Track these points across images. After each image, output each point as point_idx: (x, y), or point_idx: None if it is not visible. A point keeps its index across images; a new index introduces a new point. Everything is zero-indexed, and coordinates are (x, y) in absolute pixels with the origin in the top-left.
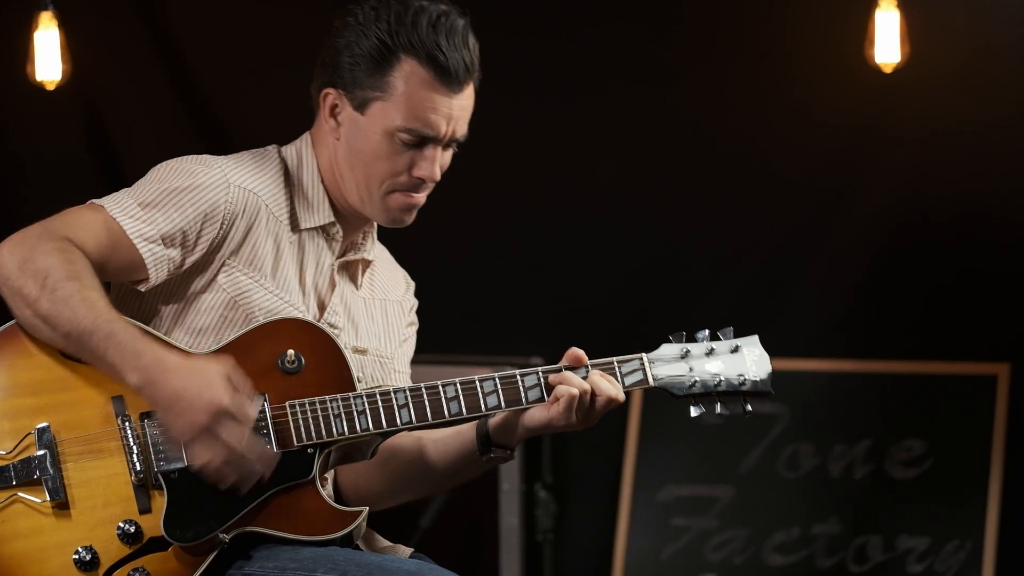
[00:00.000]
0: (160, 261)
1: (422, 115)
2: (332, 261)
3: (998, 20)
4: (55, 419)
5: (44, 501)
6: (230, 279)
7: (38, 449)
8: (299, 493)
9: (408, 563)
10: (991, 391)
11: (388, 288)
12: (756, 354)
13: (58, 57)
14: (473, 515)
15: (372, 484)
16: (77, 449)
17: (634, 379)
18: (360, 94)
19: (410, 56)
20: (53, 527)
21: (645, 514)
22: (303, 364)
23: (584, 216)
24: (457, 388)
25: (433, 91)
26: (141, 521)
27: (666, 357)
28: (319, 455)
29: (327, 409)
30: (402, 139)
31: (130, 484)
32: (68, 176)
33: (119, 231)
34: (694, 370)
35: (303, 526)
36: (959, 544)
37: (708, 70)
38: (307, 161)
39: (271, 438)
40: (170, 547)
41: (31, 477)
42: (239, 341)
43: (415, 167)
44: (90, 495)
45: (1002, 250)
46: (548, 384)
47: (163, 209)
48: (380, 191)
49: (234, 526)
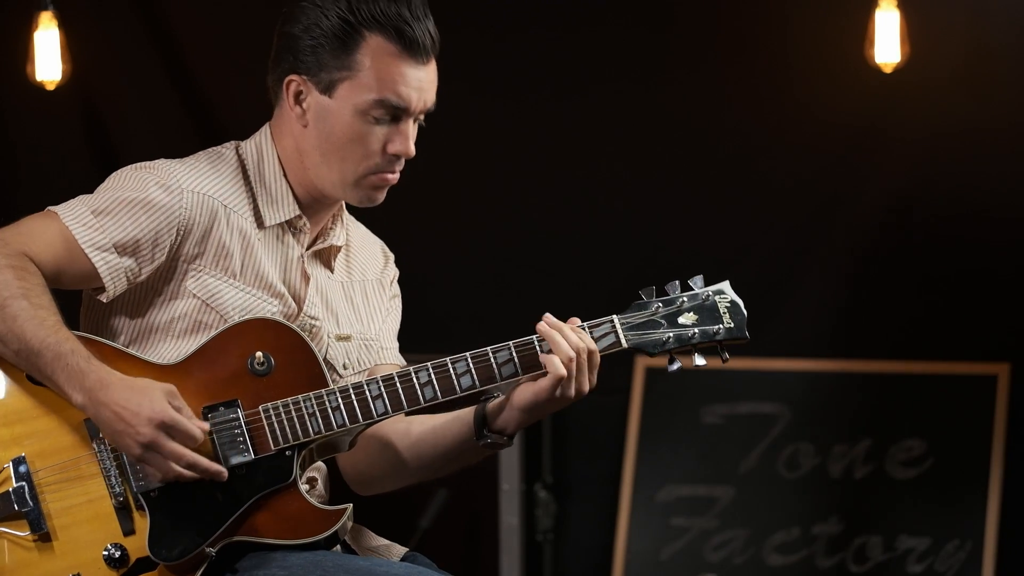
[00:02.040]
0: (115, 270)
1: (394, 88)
2: (301, 253)
3: (998, 20)
4: (29, 449)
5: (27, 534)
6: (199, 283)
7: (15, 482)
8: (281, 497)
9: (397, 567)
10: (991, 391)
11: (366, 267)
12: (728, 300)
13: (58, 57)
14: (473, 515)
15: (373, 468)
16: (54, 477)
17: (607, 342)
18: (326, 76)
19: (374, 31)
20: (40, 560)
21: (645, 514)
22: (273, 365)
23: (584, 216)
24: (430, 372)
25: (402, 63)
26: (126, 543)
27: (638, 316)
28: (297, 456)
29: (301, 409)
30: (374, 115)
31: (111, 507)
32: (68, 176)
33: (72, 240)
34: (667, 325)
35: (289, 530)
36: (959, 544)
37: (708, 70)
38: (268, 155)
39: (247, 445)
40: (158, 567)
41: (11, 511)
42: (207, 347)
43: (390, 143)
44: (73, 523)
45: (1002, 250)
46: (521, 358)
47: (115, 217)
48: (356, 174)
49: (219, 538)
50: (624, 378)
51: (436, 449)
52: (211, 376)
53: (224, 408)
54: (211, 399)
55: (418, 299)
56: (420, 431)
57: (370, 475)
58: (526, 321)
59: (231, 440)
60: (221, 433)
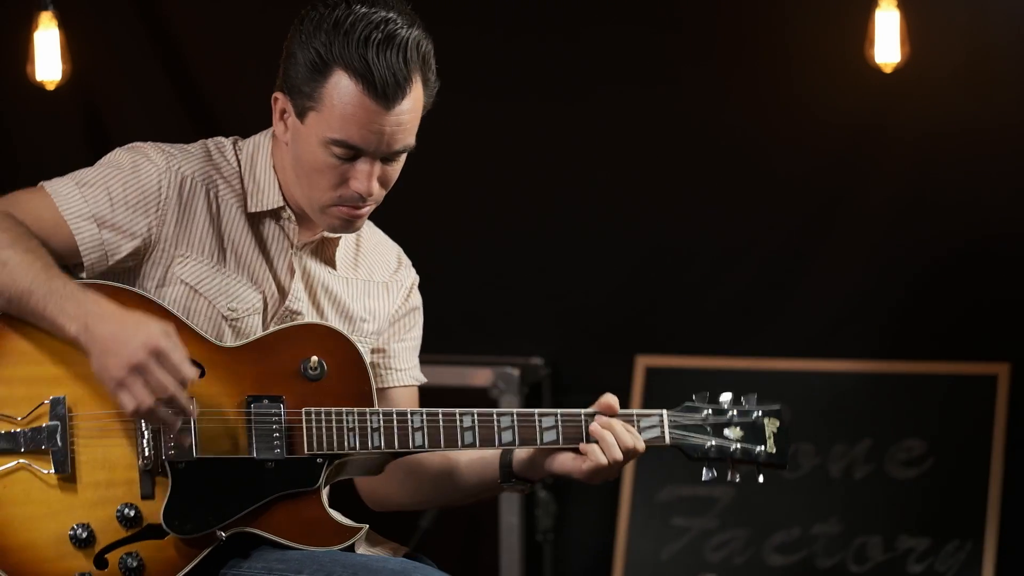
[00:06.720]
0: (93, 241)
1: (351, 129)
2: (288, 246)
3: (998, 20)
4: (72, 392)
5: (49, 473)
6: (185, 268)
7: (50, 419)
8: (302, 501)
9: (393, 562)
10: (991, 391)
11: (373, 269)
12: (776, 425)
13: (58, 57)
14: (473, 515)
15: (391, 493)
16: (89, 426)
17: (651, 434)
18: (299, 102)
19: (340, 68)
20: (54, 499)
21: (645, 514)
22: (325, 371)
23: (584, 216)
24: (474, 419)
25: (362, 106)
26: (142, 506)
27: (686, 417)
28: (327, 466)
29: (342, 421)
30: (335, 152)
31: (136, 468)
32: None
33: (55, 209)
34: (712, 434)
35: (302, 534)
36: (959, 544)
37: (708, 70)
38: (263, 149)
39: (282, 442)
40: (167, 536)
41: (39, 447)
42: (264, 340)
43: (351, 180)
44: (94, 473)
45: (1002, 250)
46: (566, 428)
47: (97, 189)
48: (321, 202)
49: (233, 525)
50: (624, 378)
51: (457, 486)
52: (262, 369)
53: (268, 401)
54: (257, 391)
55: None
56: (448, 467)
57: (387, 495)
58: (526, 321)
59: (267, 434)
60: (259, 425)
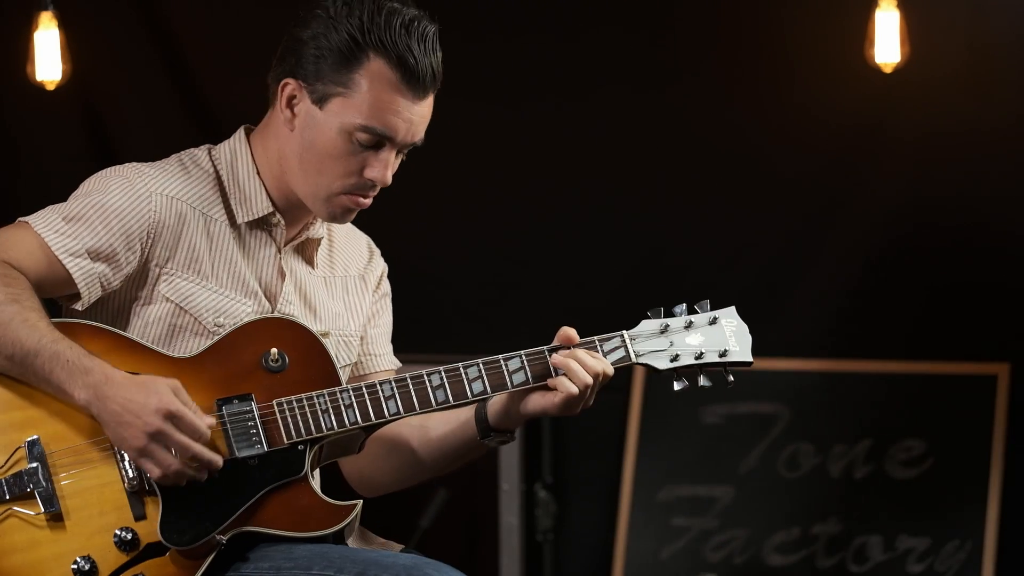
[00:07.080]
0: (89, 276)
1: (383, 116)
2: (277, 251)
3: (998, 20)
4: (44, 431)
5: (39, 513)
6: (171, 286)
7: (29, 462)
8: (292, 490)
9: (403, 557)
10: (991, 391)
11: (349, 263)
12: (735, 325)
13: (58, 57)
14: (473, 515)
15: (375, 473)
16: (68, 460)
17: (617, 356)
18: (321, 88)
19: (379, 56)
20: (49, 539)
21: (645, 514)
22: (287, 362)
23: (584, 216)
24: (442, 376)
25: (398, 93)
26: (137, 528)
27: (646, 333)
28: (309, 451)
29: (315, 404)
30: (359, 139)
31: (124, 492)
32: (68, 176)
33: (47, 247)
34: (675, 344)
35: (299, 523)
36: (959, 544)
37: (708, 70)
38: (241, 155)
39: (260, 437)
40: (168, 552)
41: (24, 491)
42: (220, 344)
43: (367, 168)
44: (84, 505)
45: (1002, 250)
46: (533, 366)
47: (87, 223)
48: (329, 190)
49: (230, 527)
50: (624, 378)
51: (440, 452)
52: (225, 371)
53: (238, 401)
54: (225, 393)
55: (420, 299)
56: (422, 433)
57: (373, 477)
58: (526, 321)
59: (244, 432)
60: (235, 425)
